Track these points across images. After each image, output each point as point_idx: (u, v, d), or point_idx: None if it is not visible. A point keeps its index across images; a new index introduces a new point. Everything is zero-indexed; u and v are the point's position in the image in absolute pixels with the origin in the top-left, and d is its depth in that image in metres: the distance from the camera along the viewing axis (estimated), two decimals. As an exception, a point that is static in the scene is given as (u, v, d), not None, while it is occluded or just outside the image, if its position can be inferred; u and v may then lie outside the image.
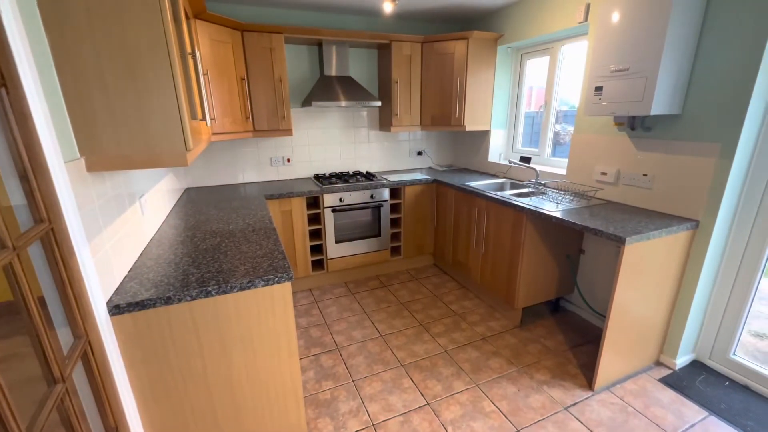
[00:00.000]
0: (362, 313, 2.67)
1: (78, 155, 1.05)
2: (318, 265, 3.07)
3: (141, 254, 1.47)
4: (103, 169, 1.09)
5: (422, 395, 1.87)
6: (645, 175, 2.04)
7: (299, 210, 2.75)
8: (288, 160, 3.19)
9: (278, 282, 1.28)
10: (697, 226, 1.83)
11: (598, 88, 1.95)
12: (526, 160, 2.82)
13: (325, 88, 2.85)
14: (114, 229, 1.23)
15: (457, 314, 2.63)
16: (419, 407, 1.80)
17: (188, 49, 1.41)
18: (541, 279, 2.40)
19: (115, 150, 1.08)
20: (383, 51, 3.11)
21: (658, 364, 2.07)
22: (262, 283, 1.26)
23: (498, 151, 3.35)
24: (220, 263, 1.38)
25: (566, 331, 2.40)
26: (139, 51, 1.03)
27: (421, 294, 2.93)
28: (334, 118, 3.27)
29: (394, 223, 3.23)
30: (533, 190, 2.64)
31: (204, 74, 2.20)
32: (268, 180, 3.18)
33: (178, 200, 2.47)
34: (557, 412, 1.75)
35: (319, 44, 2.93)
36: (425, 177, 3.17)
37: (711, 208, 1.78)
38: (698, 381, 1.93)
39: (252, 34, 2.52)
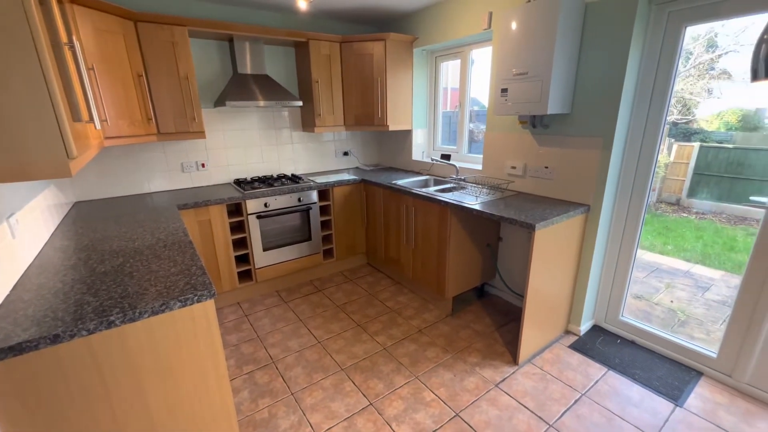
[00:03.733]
0: (297, 321, 2.57)
1: None
2: (246, 276, 2.87)
3: (15, 286, 1.21)
4: (-52, 186, 0.86)
5: (365, 396, 1.87)
6: (546, 167, 2.30)
7: (219, 219, 2.54)
8: (203, 165, 2.92)
9: (198, 300, 1.16)
10: (589, 210, 2.13)
11: (504, 90, 2.15)
12: (446, 157, 2.98)
13: (240, 87, 2.66)
14: (-29, 259, 0.98)
15: (393, 310, 2.68)
16: (362, 409, 1.79)
17: (63, 38, 1.20)
18: (467, 268, 2.56)
19: (-36, 161, 0.86)
20: (301, 50, 3.01)
21: (567, 332, 2.37)
22: (179, 304, 1.12)
23: (420, 149, 3.49)
24: (125, 287, 1.19)
25: (492, 314, 2.61)
26: (-8, 38, 0.84)
27: (357, 294, 2.93)
28: (253, 119, 3.08)
29: (325, 225, 3.17)
30: (454, 185, 2.81)
31: (89, 69, 1.90)
32: (181, 188, 2.87)
33: (65, 217, 2.09)
34: (489, 390, 1.89)
35: (230, 40, 2.73)
36: (353, 177, 3.16)
37: (598, 193, 2.08)
38: (598, 342, 2.25)
39: (148, 26, 2.24)
